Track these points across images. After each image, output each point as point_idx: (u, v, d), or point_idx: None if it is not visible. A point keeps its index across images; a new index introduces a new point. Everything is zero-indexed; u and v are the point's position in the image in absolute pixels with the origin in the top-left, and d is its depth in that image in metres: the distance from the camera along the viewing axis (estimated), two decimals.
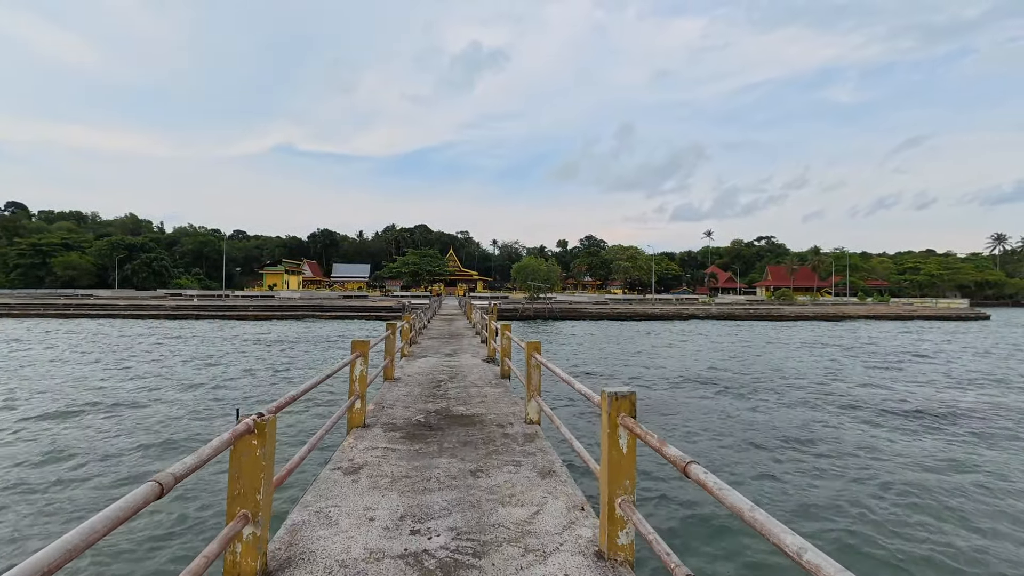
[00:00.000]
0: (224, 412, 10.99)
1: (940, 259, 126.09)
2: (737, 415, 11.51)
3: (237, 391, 13.49)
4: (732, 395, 13.88)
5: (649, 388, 14.56)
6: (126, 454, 8.12)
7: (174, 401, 12.14)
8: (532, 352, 5.15)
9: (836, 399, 13.44)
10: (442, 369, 8.94)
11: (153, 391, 13.32)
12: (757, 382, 15.89)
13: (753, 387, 15.07)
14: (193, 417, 10.59)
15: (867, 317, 52.30)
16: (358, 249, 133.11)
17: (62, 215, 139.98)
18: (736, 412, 11.81)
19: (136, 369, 16.82)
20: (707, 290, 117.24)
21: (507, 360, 7.89)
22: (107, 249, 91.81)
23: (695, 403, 12.74)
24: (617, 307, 52.97)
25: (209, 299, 51.01)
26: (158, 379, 15.02)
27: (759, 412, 11.83)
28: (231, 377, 15.51)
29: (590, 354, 22.70)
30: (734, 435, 9.75)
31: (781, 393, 14.19)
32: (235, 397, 12.74)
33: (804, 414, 11.70)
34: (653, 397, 13.43)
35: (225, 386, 14.17)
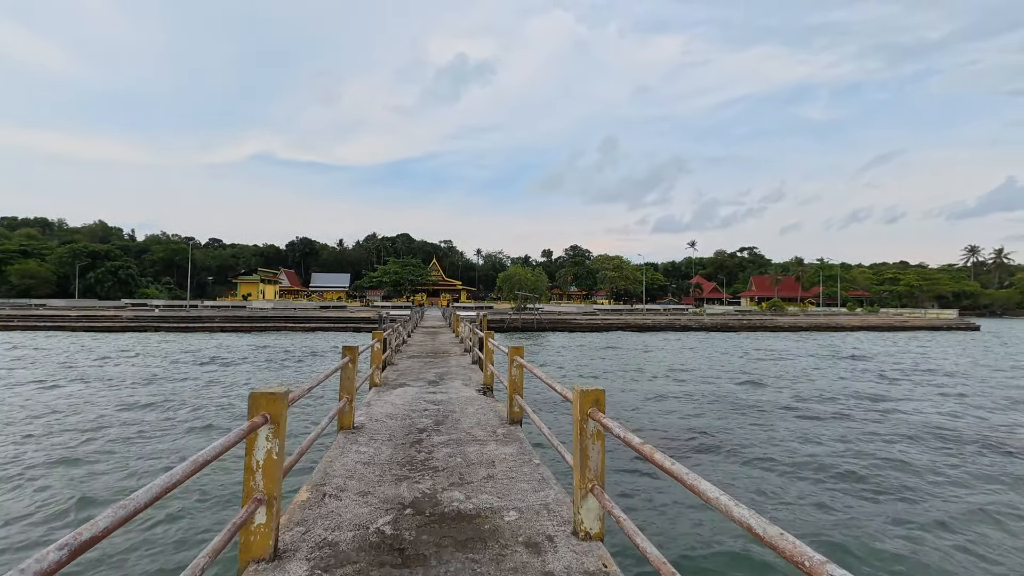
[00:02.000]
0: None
1: (919, 270, 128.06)
2: (823, 453, 9.33)
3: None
4: (796, 423, 11.79)
5: (692, 418, 12.27)
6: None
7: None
8: (588, 410, 2.83)
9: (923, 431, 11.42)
10: (424, 408, 6.50)
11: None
12: (814, 406, 13.89)
13: (811, 412, 13.10)
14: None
15: (860, 328, 51.27)
16: (338, 258, 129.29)
17: (26, 222, 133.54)
18: (818, 448, 9.64)
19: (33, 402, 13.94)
20: (693, 300, 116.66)
21: (518, 399, 5.53)
22: (68, 257, 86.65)
23: (758, 440, 10.52)
24: (607, 318, 50.96)
25: (173, 310, 47.48)
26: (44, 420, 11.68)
27: (844, 449, 9.66)
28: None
29: (587, 371, 20.42)
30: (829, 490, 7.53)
31: (846, 422, 12.13)
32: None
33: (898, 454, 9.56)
34: (704, 428, 11.23)
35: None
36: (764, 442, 10.15)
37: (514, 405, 5.61)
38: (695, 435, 10.62)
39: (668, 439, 10.29)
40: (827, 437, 10.58)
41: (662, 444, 9.80)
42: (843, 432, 10.99)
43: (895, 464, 8.86)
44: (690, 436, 10.55)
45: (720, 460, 9.02)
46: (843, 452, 9.50)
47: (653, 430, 11.04)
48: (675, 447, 9.68)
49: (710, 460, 9.03)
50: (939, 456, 9.41)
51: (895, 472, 8.46)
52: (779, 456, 9.15)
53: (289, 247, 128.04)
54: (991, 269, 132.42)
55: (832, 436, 10.67)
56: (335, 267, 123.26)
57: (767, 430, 11.12)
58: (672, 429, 11.14)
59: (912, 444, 10.19)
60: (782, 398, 14.99)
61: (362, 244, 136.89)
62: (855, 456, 9.27)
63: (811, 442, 10.19)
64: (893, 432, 11.08)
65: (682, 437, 10.47)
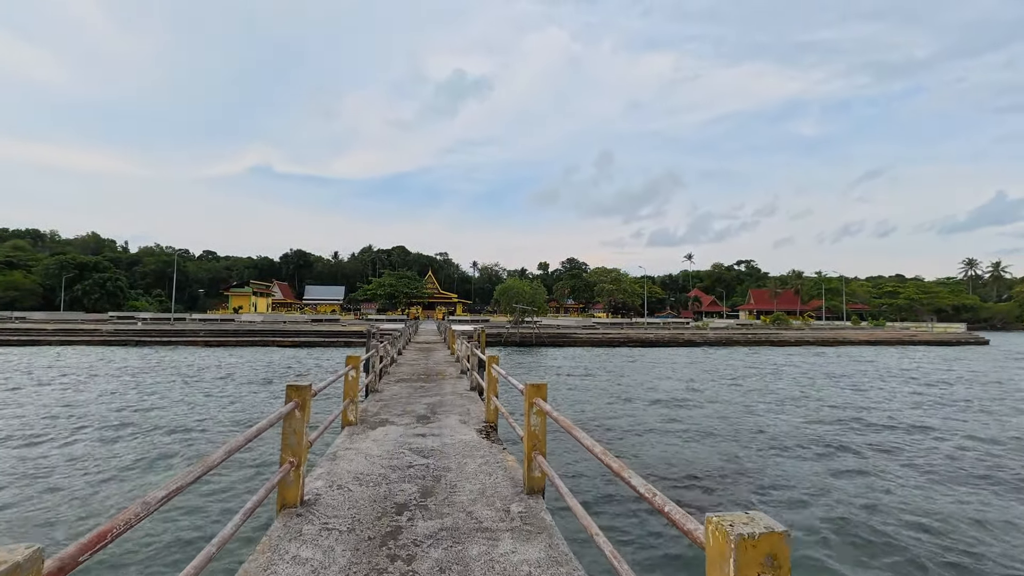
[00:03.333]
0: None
1: (918, 283, 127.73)
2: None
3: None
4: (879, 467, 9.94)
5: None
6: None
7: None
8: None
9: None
10: (409, 464, 4.81)
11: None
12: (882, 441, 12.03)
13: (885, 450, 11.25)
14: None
15: (869, 342, 49.81)
16: (333, 271, 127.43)
17: (17, 233, 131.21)
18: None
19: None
20: (691, 314, 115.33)
21: (541, 461, 3.88)
22: (55, 268, 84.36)
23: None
24: (608, 332, 49.30)
25: (157, 323, 45.55)
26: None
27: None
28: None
29: (597, 393, 18.71)
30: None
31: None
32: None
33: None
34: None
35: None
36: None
37: (534, 468, 3.95)
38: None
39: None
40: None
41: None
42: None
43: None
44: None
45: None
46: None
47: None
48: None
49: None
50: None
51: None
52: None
53: (283, 259, 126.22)
54: (988, 282, 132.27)
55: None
56: (330, 280, 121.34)
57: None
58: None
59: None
60: (883, 439, 12.37)
61: (357, 257, 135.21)
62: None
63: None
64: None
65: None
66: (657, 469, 9.64)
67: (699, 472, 9.46)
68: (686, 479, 9.13)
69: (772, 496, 8.23)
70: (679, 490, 8.48)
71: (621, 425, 13.29)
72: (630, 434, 12.35)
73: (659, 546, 6.26)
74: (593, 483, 8.72)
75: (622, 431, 12.64)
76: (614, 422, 13.72)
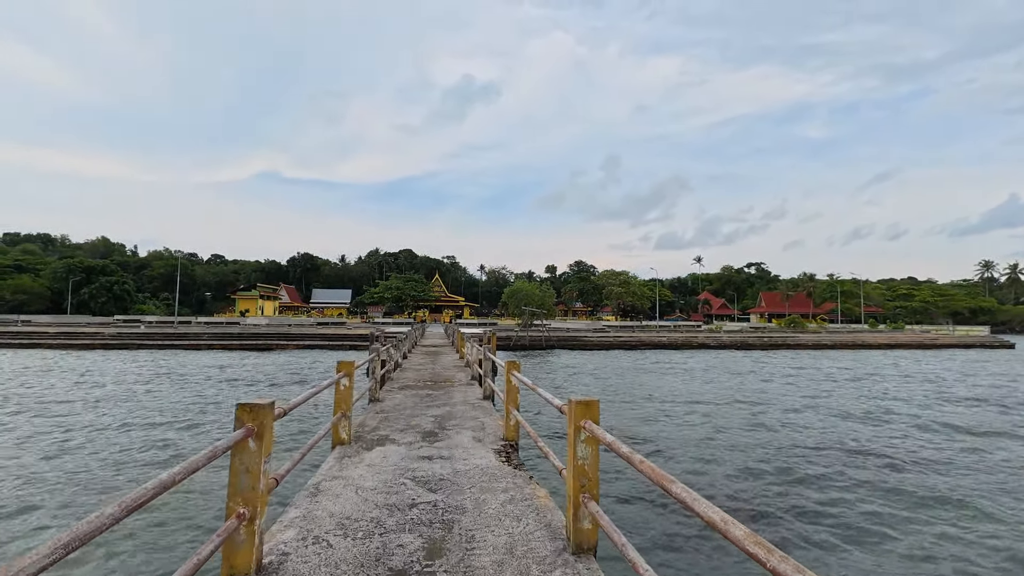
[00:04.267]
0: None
1: (933, 286, 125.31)
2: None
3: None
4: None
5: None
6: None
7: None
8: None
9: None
10: (412, 500, 3.70)
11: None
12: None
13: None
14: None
15: (889, 346, 48.17)
16: (340, 274, 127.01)
17: (28, 237, 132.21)
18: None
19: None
20: (701, 316, 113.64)
21: (592, 509, 2.78)
22: (62, 272, 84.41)
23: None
24: (620, 335, 48.06)
25: (160, 326, 44.93)
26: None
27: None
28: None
29: (619, 400, 17.53)
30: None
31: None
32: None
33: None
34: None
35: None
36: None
37: (582, 518, 2.84)
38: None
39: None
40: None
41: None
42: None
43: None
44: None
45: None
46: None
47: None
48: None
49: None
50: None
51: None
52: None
53: (290, 263, 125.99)
54: (1004, 285, 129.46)
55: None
56: (336, 283, 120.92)
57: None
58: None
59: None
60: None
61: (364, 260, 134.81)
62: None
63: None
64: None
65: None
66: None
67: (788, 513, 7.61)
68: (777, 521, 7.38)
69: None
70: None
71: (664, 440, 11.94)
72: (676, 452, 10.99)
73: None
74: (654, 519, 7.05)
75: (666, 448, 11.28)
76: (646, 430, 12.50)
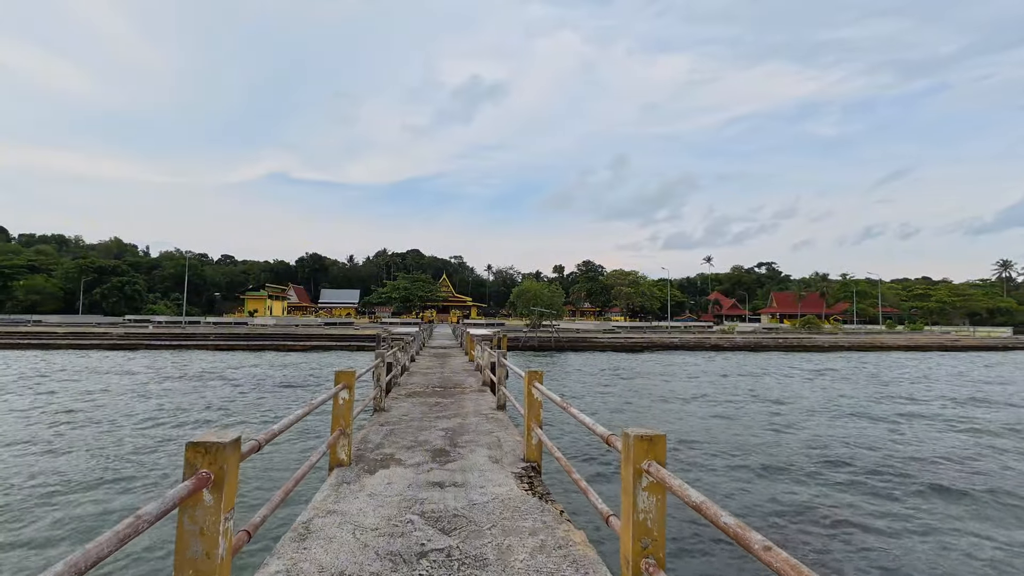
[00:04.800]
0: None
1: (950, 286, 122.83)
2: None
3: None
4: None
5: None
6: None
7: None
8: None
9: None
10: (421, 544, 3.01)
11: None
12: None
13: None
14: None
15: (909, 348, 46.90)
16: (348, 274, 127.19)
17: (43, 238, 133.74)
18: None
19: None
20: (712, 317, 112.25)
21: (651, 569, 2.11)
22: (75, 272, 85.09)
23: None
24: (631, 336, 47.22)
25: (168, 327, 44.84)
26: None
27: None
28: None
29: (639, 406, 16.82)
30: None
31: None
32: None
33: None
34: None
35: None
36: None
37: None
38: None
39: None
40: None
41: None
42: None
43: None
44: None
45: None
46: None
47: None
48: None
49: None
50: None
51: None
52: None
53: (299, 263, 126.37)
54: (1020, 285, 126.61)
55: None
56: (345, 283, 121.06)
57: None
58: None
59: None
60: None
61: (372, 260, 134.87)
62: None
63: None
64: None
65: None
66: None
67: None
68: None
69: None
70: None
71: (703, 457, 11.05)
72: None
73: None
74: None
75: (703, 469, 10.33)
76: (682, 441, 11.73)
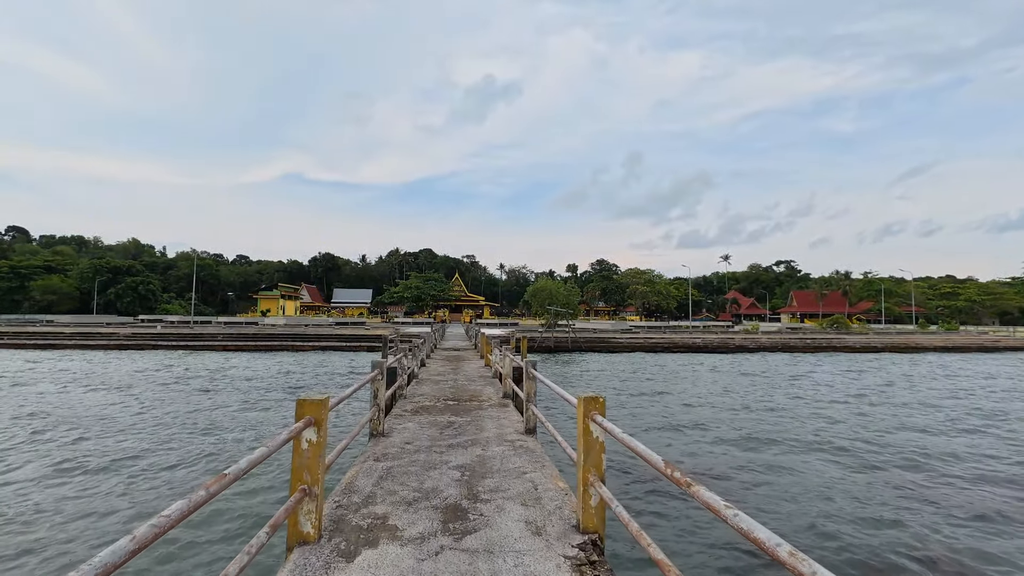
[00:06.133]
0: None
1: (979, 284, 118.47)
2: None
3: None
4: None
5: None
6: None
7: None
8: None
9: None
10: None
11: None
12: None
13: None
14: None
15: (947, 349, 44.26)
16: (360, 274, 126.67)
17: (63, 239, 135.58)
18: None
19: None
20: (730, 316, 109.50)
21: None
22: (90, 272, 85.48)
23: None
24: (650, 336, 45.26)
25: (176, 327, 44.06)
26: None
27: None
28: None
29: (686, 420, 15.06)
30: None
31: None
32: None
33: None
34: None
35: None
36: None
37: None
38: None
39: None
40: None
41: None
42: None
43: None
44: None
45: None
46: None
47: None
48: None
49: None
50: None
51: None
52: None
53: (312, 263, 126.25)
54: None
55: None
56: (357, 283, 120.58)
57: None
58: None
59: None
60: None
61: (385, 260, 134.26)
62: None
63: None
64: None
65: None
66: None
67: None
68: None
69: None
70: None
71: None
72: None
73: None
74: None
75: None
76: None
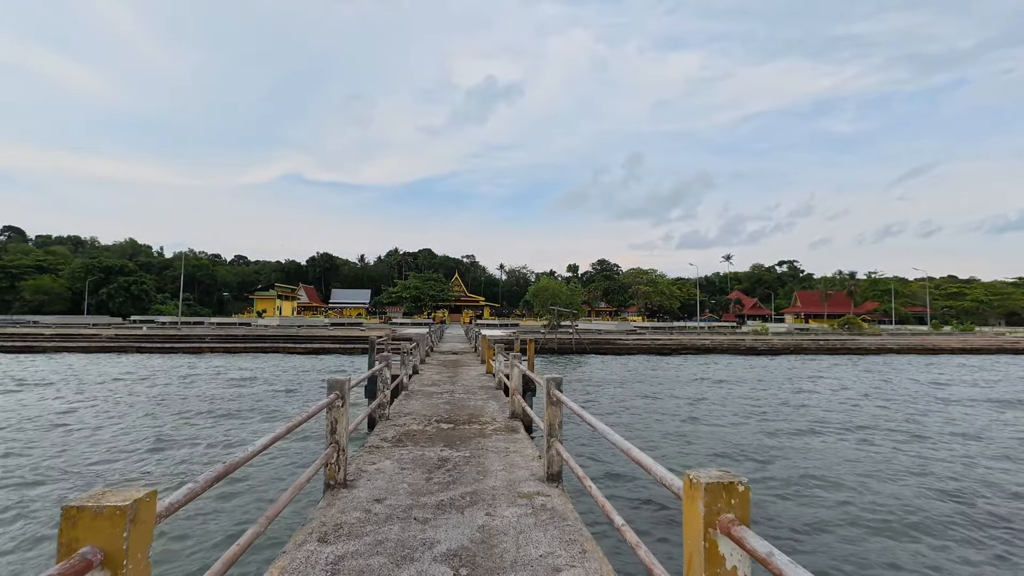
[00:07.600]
0: None
1: (985, 284, 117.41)
2: None
3: None
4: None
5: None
6: None
7: None
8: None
9: None
10: None
11: None
12: None
13: None
14: None
15: (964, 350, 42.71)
16: (359, 274, 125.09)
17: (59, 240, 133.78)
18: None
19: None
20: (733, 316, 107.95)
21: None
22: (81, 272, 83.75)
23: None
24: (657, 338, 43.64)
25: (163, 328, 42.42)
26: None
27: None
28: None
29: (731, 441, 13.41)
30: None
31: None
32: None
33: None
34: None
35: None
36: None
37: None
38: None
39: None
40: None
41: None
42: None
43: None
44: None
45: None
46: None
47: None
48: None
49: None
50: None
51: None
52: None
53: (310, 263, 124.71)
54: None
55: None
56: (356, 283, 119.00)
57: None
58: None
59: None
60: None
61: (383, 260, 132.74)
62: None
63: None
64: None
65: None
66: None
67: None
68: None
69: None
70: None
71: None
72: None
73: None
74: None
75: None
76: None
